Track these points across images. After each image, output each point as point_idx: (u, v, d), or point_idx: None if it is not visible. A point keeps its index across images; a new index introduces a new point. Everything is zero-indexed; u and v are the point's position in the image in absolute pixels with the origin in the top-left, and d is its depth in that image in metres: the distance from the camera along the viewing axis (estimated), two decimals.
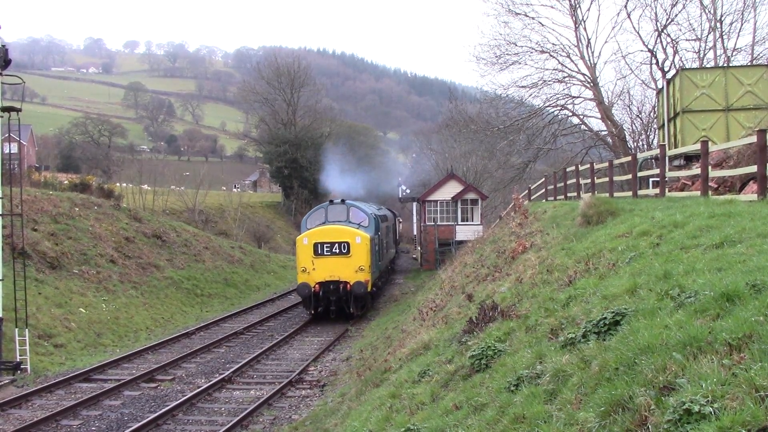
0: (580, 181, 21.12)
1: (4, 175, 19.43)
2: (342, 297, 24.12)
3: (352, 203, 27.07)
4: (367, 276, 24.07)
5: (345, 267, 23.94)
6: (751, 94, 19.38)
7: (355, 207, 26.45)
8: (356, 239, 24.08)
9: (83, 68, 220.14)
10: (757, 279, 4.90)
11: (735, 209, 8.38)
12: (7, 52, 17.68)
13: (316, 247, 24.09)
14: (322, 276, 23.95)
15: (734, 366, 3.76)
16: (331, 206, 26.29)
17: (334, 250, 23.97)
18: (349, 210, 26.05)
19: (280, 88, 66.86)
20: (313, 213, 26.57)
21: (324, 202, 27.27)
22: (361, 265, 23.97)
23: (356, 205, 26.72)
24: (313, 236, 24.31)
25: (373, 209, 30.42)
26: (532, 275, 10.49)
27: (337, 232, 24.32)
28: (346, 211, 26.01)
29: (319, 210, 26.46)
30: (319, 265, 24.02)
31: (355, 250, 24.00)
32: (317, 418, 12.76)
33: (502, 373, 6.30)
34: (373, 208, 32.20)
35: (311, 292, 23.90)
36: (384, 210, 37.99)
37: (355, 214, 26.04)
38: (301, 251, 24.45)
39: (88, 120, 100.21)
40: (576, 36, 33.01)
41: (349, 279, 23.89)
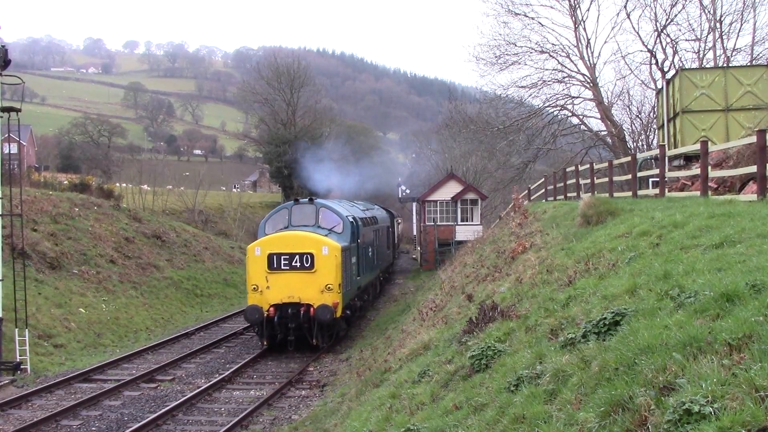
0: (580, 181, 21.12)
1: (4, 175, 19.43)
2: (303, 324, 18.87)
3: (323, 203, 21.78)
4: (336, 297, 18.89)
5: (307, 285, 18.81)
6: (750, 95, 19.38)
7: (326, 208, 21.27)
8: (323, 250, 18.91)
9: (83, 68, 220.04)
10: (757, 279, 4.91)
11: (735, 209, 8.38)
12: (7, 52, 17.69)
13: (272, 259, 18.90)
14: (278, 296, 18.81)
15: (734, 366, 3.76)
16: (297, 207, 21.05)
17: (294, 263, 18.82)
18: (318, 211, 20.88)
19: (279, 89, 66.82)
20: (273, 215, 21.36)
21: (288, 201, 22.02)
22: (328, 283, 18.78)
23: (328, 206, 21.52)
24: (267, 245, 19.14)
25: (355, 210, 25.25)
26: (532, 275, 10.50)
27: (298, 241, 19.10)
28: (314, 212, 20.85)
29: (282, 211, 21.31)
30: (275, 282, 18.88)
31: (321, 264, 18.85)
32: (317, 418, 12.77)
33: (502, 374, 6.31)
34: (358, 208, 27.03)
35: (263, 318, 18.73)
36: (376, 210, 33.22)
37: (326, 217, 20.94)
38: (252, 264, 19.24)
39: (88, 120, 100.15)
40: (576, 36, 33.04)
41: (312, 301, 18.70)
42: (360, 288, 22.96)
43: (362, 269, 23.18)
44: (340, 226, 20.90)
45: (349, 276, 20.31)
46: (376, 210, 32.59)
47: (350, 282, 20.61)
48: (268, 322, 18.96)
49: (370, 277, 26.26)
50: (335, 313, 18.74)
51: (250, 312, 18.73)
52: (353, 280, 21.26)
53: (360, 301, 23.95)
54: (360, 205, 28.60)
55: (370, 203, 35.73)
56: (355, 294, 22.00)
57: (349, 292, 20.67)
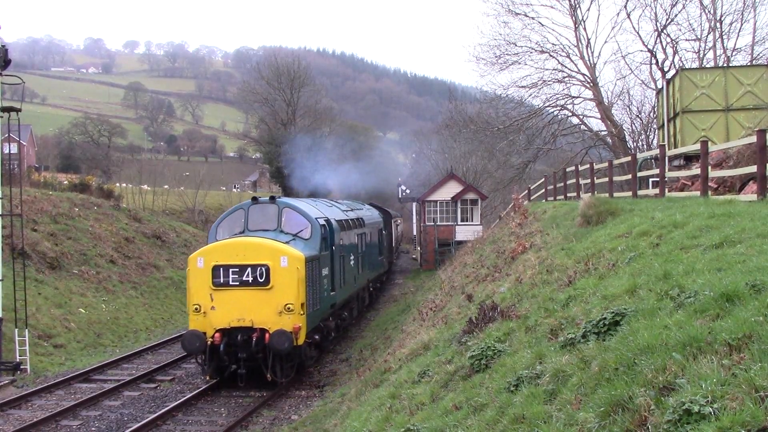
0: (580, 181, 21.12)
1: (4, 175, 19.44)
2: (256, 354, 15.06)
3: (287, 202, 17.83)
4: (298, 320, 15.13)
5: (262, 305, 15.13)
6: (750, 94, 19.38)
7: (291, 209, 17.39)
8: (281, 261, 15.20)
9: (83, 68, 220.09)
10: (757, 279, 4.90)
11: (735, 209, 8.38)
12: (7, 52, 17.70)
13: (217, 272, 15.19)
14: (226, 319, 15.13)
15: (734, 366, 3.76)
16: (255, 207, 17.28)
17: (244, 278, 15.15)
18: (281, 213, 17.13)
19: (279, 88, 66.80)
20: (227, 217, 17.55)
21: (245, 201, 18.06)
22: (287, 302, 15.07)
23: (294, 206, 17.60)
24: (212, 255, 15.45)
25: (333, 211, 21.05)
26: (532, 275, 10.50)
27: (250, 249, 15.38)
28: (276, 214, 17.13)
29: (237, 212, 17.44)
30: (222, 301, 15.19)
31: (278, 279, 15.12)
32: (317, 418, 12.77)
33: (501, 374, 6.30)
34: (338, 208, 22.72)
35: (206, 346, 15.07)
36: (365, 210, 29.32)
37: (290, 220, 17.16)
38: (193, 279, 15.52)
39: (88, 120, 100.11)
40: (576, 36, 33.03)
41: (267, 325, 15.01)
42: (335, 305, 18.84)
43: (339, 282, 19.10)
44: (307, 231, 17.03)
45: (317, 292, 16.45)
46: (364, 210, 29.00)
47: (319, 299, 16.69)
48: (212, 350, 15.16)
49: (353, 290, 21.95)
50: (296, 340, 14.97)
51: (188, 339, 15.00)
52: (324, 296, 17.24)
53: (337, 320, 20.09)
54: (342, 205, 24.57)
55: (359, 202, 31.95)
56: (327, 313, 18.04)
57: (318, 312, 16.69)
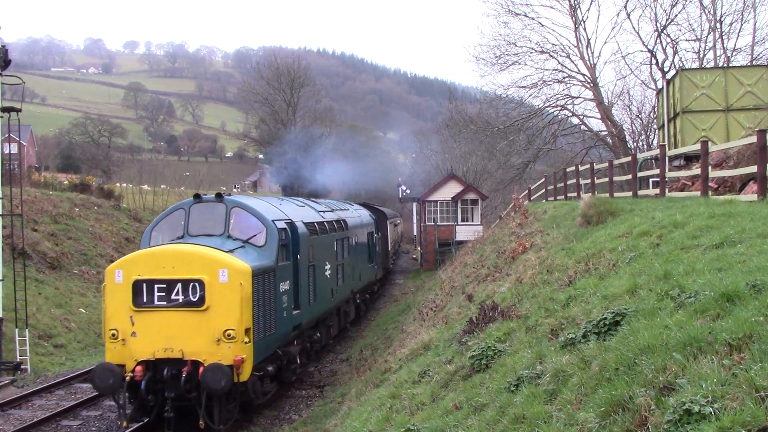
0: (580, 182, 21.12)
1: (4, 175, 19.45)
2: (188, 393, 11.69)
3: (237, 201, 14.37)
4: (242, 350, 11.85)
5: (194, 332, 11.87)
6: (751, 95, 19.40)
7: (243, 209, 14.09)
8: (219, 275, 12.00)
9: (83, 68, 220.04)
10: (757, 279, 4.91)
11: (735, 209, 8.38)
12: (7, 53, 17.71)
13: (139, 289, 12.00)
14: (149, 349, 11.85)
15: (734, 366, 3.76)
16: (198, 207, 14.02)
17: (173, 296, 11.94)
18: (230, 214, 13.90)
19: (279, 89, 66.81)
20: (164, 219, 14.36)
21: (186, 200, 14.70)
22: (228, 328, 11.82)
23: (246, 206, 14.24)
24: (133, 266, 12.24)
25: (304, 212, 17.63)
26: (532, 275, 10.50)
27: (180, 260, 12.10)
28: (224, 215, 13.87)
29: (176, 213, 14.20)
30: (145, 326, 11.97)
31: (216, 297, 11.92)
32: (317, 418, 12.78)
33: (502, 374, 6.31)
34: (312, 208, 19.06)
35: (125, 382, 11.72)
36: (351, 210, 25.58)
37: (241, 222, 13.94)
38: (110, 297, 12.25)
39: (88, 120, 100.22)
40: (576, 36, 33.04)
41: (201, 356, 11.76)
42: (300, 327, 15.28)
43: (307, 297, 15.83)
44: (261, 236, 13.65)
45: (271, 313, 13.14)
46: (350, 211, 25.15)
47: (275, 322, 13.30)
48: (132, 388, 11.83)
49: (329, 306, 18.47)
50: (237, 376, 11.70)
51: (99, 375, 11.61)
52: (283, 317, 13.86)
53: (305, 343, 16.35)
54: (320, 205, 20.72)
55: (345, 202, 28.35)
56: (288, 337, 14.63)
57: (273, 337, 13.26)
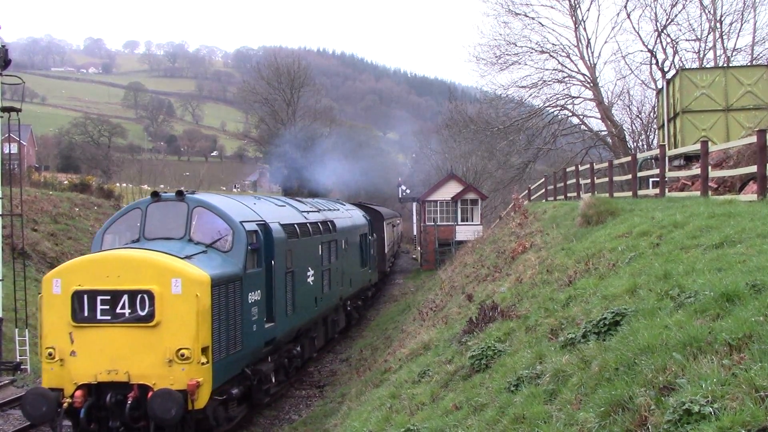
0: (580, 181, 21.12)
1: (4, 175, 19.45)
2: (135, 422, 10.40)
3: (201, 200, 12.59)
4: (198, 372, 10.34)
5: (143, 351, 10.41)
6: (751, 95, 19.40)
7: (207, 208, 12.43)
8: (172, 285, 10.51)
9: (83, 68, 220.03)
10: (757, 279, 4.90)
11: (735, 209, 8.38)
12: (7, 52, 17.70)
13: (80, 301, 10.50)
14: (91, 371, 10.38)
15: (734, 366, 3.76)
16: (156, 206, 12.40)
17: (119, 309, 10.45)
18: (192, 214, 12.25)
19: (279, 88, 66.83)
20: (119, 219, 12.72)
21: (144, 198, 13.08)
22: (181, 346, 10.33)
23: (210, 205, 12.52)
24: (73, 275, 10.71)
25: (283, 212, 15.82)
26: (532, 275, 10.51)
27: (127, 268, 10.59)
28: (185, 215, 12.22)
29: (132, 213, 12.54)
30: (86, 344, 10.48)
31: (168, 312, 10.44)
32: (317, 418, 12.78)
33: (502, 374, 6.31)
34: (294, 208, 17.16)
35: (61, 410, 10.27)
36: (342, 211, 23.23)
37: (204, 224, 12.30)
38: (47, 310, 10.82)
39: (88, 120, 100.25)
40: (576, 36, 33.05)
41: (150, 379, 10.32)
42: (274, 341, 13.43)
43: (284, 308, 14.01)
44: (227, 239, 12.08)
45: (237, 327, 11.54)
46: (341, 211, 22.88)
47: (241, 337, 11.65)
48: (71, 415, 10.40)
49: (311, 316, 16.64)
50: (191, 404, 10.13)
51: (30, 402, 10.17)
52: (252, 332, 12.20)
53: (283, 359, 14.73)
54: (304, 205, 18.74)
55: (337, 201, 26.16)
56: (260, 354, 12.84)
57: (238, 356, 11.59)
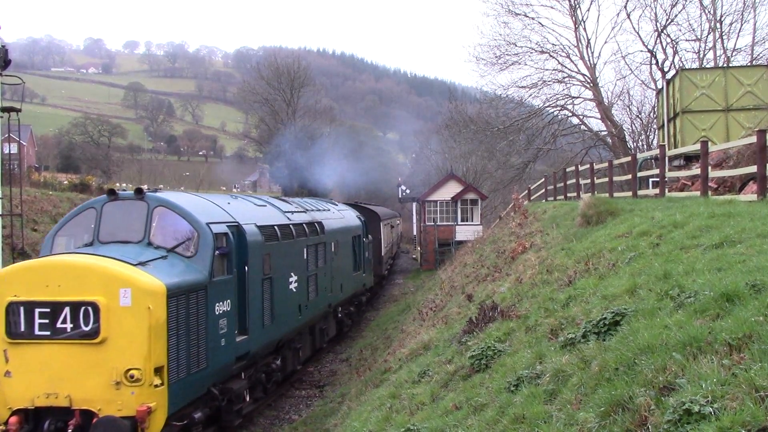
0: (580, 182, 21.13)
1: (4, 175, 19.45)
2: None
3: (162, 199, 11.21)
4: (150, 396, 9.07)
5: (86, 372, 9.14)
6: (750, 95, 19.40)
7: (168, 208, 11.05)
8: (120, 296, 9.18)
9: (83, 68, 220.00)
10: (757, 279, 4.90)
11: (735, 209, 8.38)
12: (7, 53, 17.71)
13: (15, 314, 9.28)
14: (28, 394, 9.21)
15: (734, 366, 3.76)
16: (113, 206, 11.02)
17: (59, 324, 9.15)
18: (151, 215, 10.87)
19: (279, 89, 66.84)
20: (71, 220, 11.31)
21: (100, 197, 11.64)
22: (130, 366, 9.05)
23: (172, 204, 11.13)
24: (8, 284, 9.41)
25: (261, 213, 14.00)
26: (532, 275, 10.50)
27: (69, 276, 9.25)
28: (145, 216, 10.84)
29: (86, 213, 11.12)
30: (23, 363, 9.28)
31: (115, 327, 9.14)
32: (317, 418, 12.78)
33: (502, 373, 6.31)
34: (277, 208, 15.42)
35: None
36: (332, 211, 21.13)
37: (166, 226, 10.91)
38: None
39: (88, 120, 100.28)
40: (576, 36, 33.05)
41: (94, 404, 9.08)
42: (248, 356, 11.85)
43: (259, 318, 12.41)
44: (191, 243, 10.63)
45: (201, 343, 10.05)
46: (331, 211, 20.81)
47: (206, 354, 10.18)
48: None
49: (294, 326, 14.94)
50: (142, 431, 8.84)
51: None
52: (220, 347, 10.68)
53: (259, 373, 13.06)
54: (289, 204, 16.92)
55: (327, 201, 24.12)
56: (228, 372, 11.27)
57: (202, 376, 10.13)
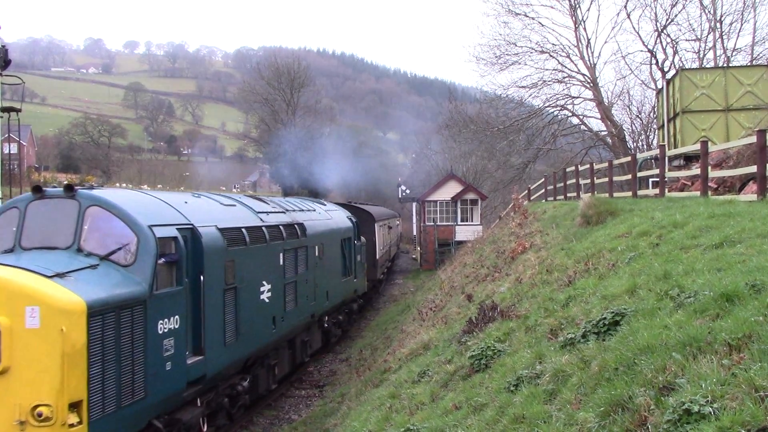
0: (580, 182, 21.12)
1: (4, 175, 19.45)
2: None
3: (97, 197, 8.98)
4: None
5: None
6: (750, 95, 19.40)
7: (104, 208, 8.87)
8: (27, 316, 6.96)
9: (83, 68, 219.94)
10: (757, 279, 4.90)
11: (735, 209, 8.38)
12: (7, 53, 17.72)
13: None
14: None
15: (734, 366, 3.76)
16: (39, 204, 8.99)
17: None
18: (83, 215, 8.73)
19: (279, 89, 66.84)
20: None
21: (24, 194, 9.95)
22: (38, 402, 6.90)
23: (108, 203, 8.91)
24: None
25: (230, 213, 12.12)
26: (532, 275, 10.50)
27: None
28: (74, 217, 8.71)
29: (8, 213, 9.11)
30: None
31: (20, 354, 7.01)
32: (317, 418, 12.78)
33: (501, 373, 6.30)
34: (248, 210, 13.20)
35: None
36: (321, 211, 19.35)
37: (99, 229, 8.78)
38: None
39: (88, 120, 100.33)
40: (576, 36, 33.05)
41: None
42: (205, 379, 10.04)
43: (221, 335, 10.65)
44: (129, 249, 8.75)
45: (139, 369, 8.34)
46: (316, 212, 18.77)
47: (146, 381, 8.47)
48: None
49: (269, 339, 13.16)
50: None
51: None
52: (165, 372, 8.88)
53: (220, 398, 11.28)
54: (266, 204, 14.83)
55: (315, 201, 21.83)
56: (177, 400, 9.44)
57: (140, 408, 8.43)
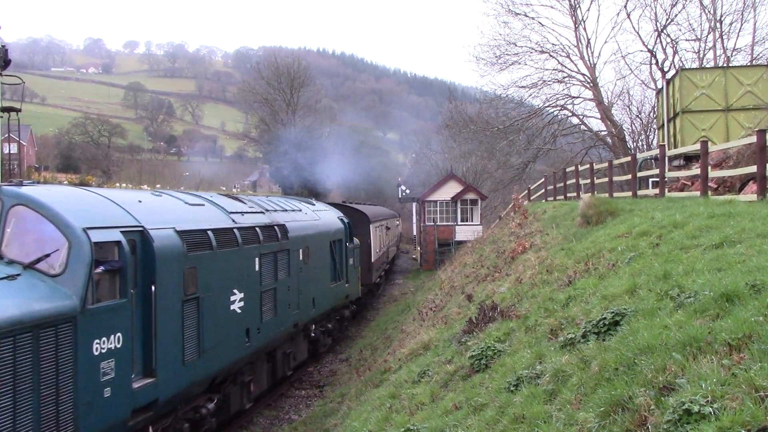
0: (580, 182, 21.11)
1: (4, 175, 19.44)
2: None
3: (23, 195, 7.55)
4: None
5: None
6: (750, 95, 19.40)
7: (31, 207, 7.44)
8: None
9: (83, 68, 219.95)
10: (757, 279, 4.90)
11: (734, 209, 8.37)
12: (7, 53, 17.72)
13: None
14: None
15: (734, 366, 3.76)
16: None
17: None
18: (7, 216, 7.40)
19: (279, 88, 66.82)
20: None
21: None
22: None
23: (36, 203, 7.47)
24: None
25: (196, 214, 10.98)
26: (532, 275, 10.50)
27: None
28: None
29: None
30: None
31: None
32: (317, 418, 12.78)
33: (501, 374, 6.30)
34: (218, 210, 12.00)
35: None
36: (307, 212, 18.28)
37: (24, 231, 7.39)
38: None
39: (88, 120, 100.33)
40: (576, 36, 33.06)
41: None
42: (156, 405, 8.85)
43: (179, 353, 9.56)
44: (59, 255, 7.40)
45: (65, 400, 7.01)
46: (303, 212, 17.74)
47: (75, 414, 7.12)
48: None
49: (242, 353, 12.05)
50: None
51: None
52: (102, 400, 7.57)
53: (181, 423, 10.15)
54: (242, 203, 13.69)
55: (302, 200, 20.54)
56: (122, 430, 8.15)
57: None
